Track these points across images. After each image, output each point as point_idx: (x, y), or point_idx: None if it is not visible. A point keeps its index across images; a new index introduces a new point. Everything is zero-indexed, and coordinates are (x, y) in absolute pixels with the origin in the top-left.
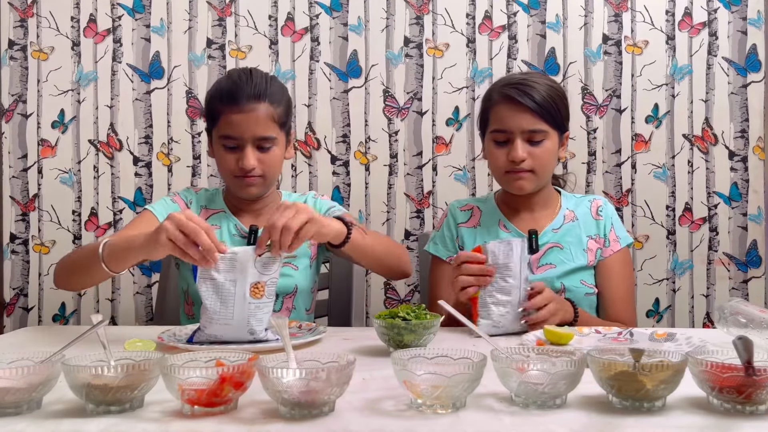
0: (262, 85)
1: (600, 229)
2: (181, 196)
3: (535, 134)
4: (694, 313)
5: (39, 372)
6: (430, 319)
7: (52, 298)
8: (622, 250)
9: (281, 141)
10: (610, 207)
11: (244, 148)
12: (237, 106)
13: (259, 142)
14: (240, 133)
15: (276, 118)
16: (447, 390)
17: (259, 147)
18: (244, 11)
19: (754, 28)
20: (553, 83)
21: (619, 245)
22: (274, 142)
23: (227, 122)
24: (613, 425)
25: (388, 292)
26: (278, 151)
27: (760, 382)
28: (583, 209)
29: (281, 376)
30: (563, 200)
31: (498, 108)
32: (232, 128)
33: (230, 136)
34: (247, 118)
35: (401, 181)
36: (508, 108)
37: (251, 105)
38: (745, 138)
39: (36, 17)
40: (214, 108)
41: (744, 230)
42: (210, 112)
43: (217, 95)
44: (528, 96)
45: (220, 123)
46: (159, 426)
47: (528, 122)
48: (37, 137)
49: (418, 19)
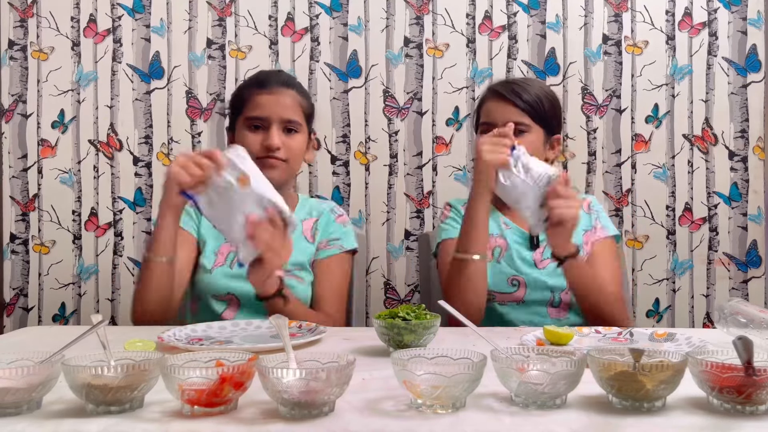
0: (290, 77)
1: (591, 221)
2: None
3: (517, 125)
4: (694, 313)
5: (39, 372)
6: (430, 319)
7: (52, 298)
8: (608, 240)
9: (305, 132)
10: (598, 203)
11: (269, 128)
12: (266, 89)
13: (285, 124)
14: (267, 114)
15: (303, 107)
16: (447, 390)
17: (285, 129)
18: (244, 11)
19: (754, 28)
20: (545, 87)
21: (604, 233)
22: (300, 128)
23: (255, 104)
24: (613, 425)
25: (388, 292)
26: (301, 139)
27: (760, 382)
28: None
29: (281, 376)
30: None
31: (487, 104)
32: (259, 109)
33: (257, 117)
34: (275, 99)
35: (401, 181)
36: (494, 103)
37: (280, 89)
38: (745, 138)
39: (36, 17)
40: (241, 95)
41: (744, 230)
42: (237, 100)
43: (246, 84)
44: (513, 92)
45: (247, 107)
46: (159, 426)
47: (510, 114)
48: (37, 137)
49: (418, 19)
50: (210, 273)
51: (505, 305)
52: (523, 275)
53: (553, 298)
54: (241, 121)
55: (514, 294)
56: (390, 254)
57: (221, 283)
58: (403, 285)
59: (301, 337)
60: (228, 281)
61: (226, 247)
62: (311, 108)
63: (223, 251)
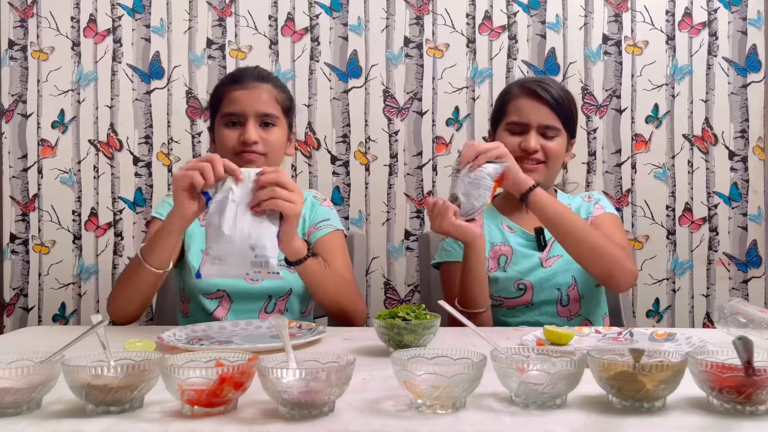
0: (265, 72)
1: (590, 206)
2: None
3: (549, 130)
4: (694, 313)
5: (39, 372)
6: (430, 319)
7: (52, 298)
8: (609, 214)
9: (283, 126)
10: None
11: (245, 123)
12: (240, 84)
13: (261, 118)
14: (242, 109)
15: (279, 101)
16: (447, 390)
17: (261, 124)
18: (244, 11)
19: (754, 28)
20: (566, 88)
21: (603, 210)
22: (277, 122)
23: (230, 99)
24: (613, 425)
25: (388, 292)
26: (280, 133)
27: (760, 382)
28: (577, 202)
29: (281, 377)
30: (559, 197)
31: (518, 100)
32: (234, 104)
33: (233, 113)
34: (249, 93)
35: (401, 181)
36: (527, 101)
37: (254, 83)
38: (745, 138)
39: (36, 17)
40: (217, 93)
41: (744, 230)
42: (214, 98)
43: (222, 81)
44: (547, 92)
45: (223, 103)
46: (159, 426)
47: (545, 117)
48: (37, 137)
49: (418, 19)
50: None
51: (513, 309)
52: (529, 278)
53: (561, 296)
54: (219, 119)
55: (522, 298)
56: (390, 254)
57: (211, 281)
58: (403, 285)
59: (301, 337)
60: (217, 279)
61: None
62: (289, 101)
63: None
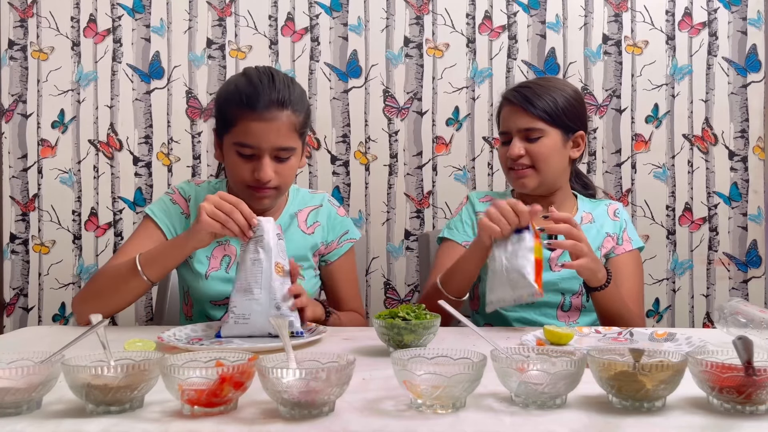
0: (284, 91)
1: (616, 228)
2: (181, 192)
3: (531, 132)
4: (694, 313)
5: (39, 372)
6: (430, 319)
7: (52, 298)
8: (634, 252)
9: (299, 151)
10: (626, 212)
11: (261, 158)
12: (257, 113)
13: (277, 152)
14: (258, 143)
15: (297, 128)
16: (447, 390)
17: (276, 157)
18: (244, 11)
19: (754, 28)
20: (564, 85)
21: (631, 246)
22: (293, 153)
23: (245, 130)
24: (613, 425)
25: (388, 292)
26: (295, 161)
27: (760, 382)
28: (600, 211)
29: (281, 376)
30: (580, 203)
31: (503, 110)
32: (250, 137)
33: (247, 145)
34: (267, 127)
35: (401, 181)
36: (507, 110)
37: (273, 113)
38: (745, 138)
39: (36, 17)
40: (229, 111)
41: (744, 230)
42: (224, 114)
43: (235, 98)
44: (522, 96)
45: (236, 129)
46: (159, 426)
47: (523, 120)
48: (37, 137)
49: (418, 19)
50: (206, 279)
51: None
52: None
53: (563, 301)
54: (230, 142)
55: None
56: (390, 254)
57: (219, 288)
58: (403, 285)
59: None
60: (226, 286)
61: (219, 251)
62: (307, 117)
63: (217, 255)
